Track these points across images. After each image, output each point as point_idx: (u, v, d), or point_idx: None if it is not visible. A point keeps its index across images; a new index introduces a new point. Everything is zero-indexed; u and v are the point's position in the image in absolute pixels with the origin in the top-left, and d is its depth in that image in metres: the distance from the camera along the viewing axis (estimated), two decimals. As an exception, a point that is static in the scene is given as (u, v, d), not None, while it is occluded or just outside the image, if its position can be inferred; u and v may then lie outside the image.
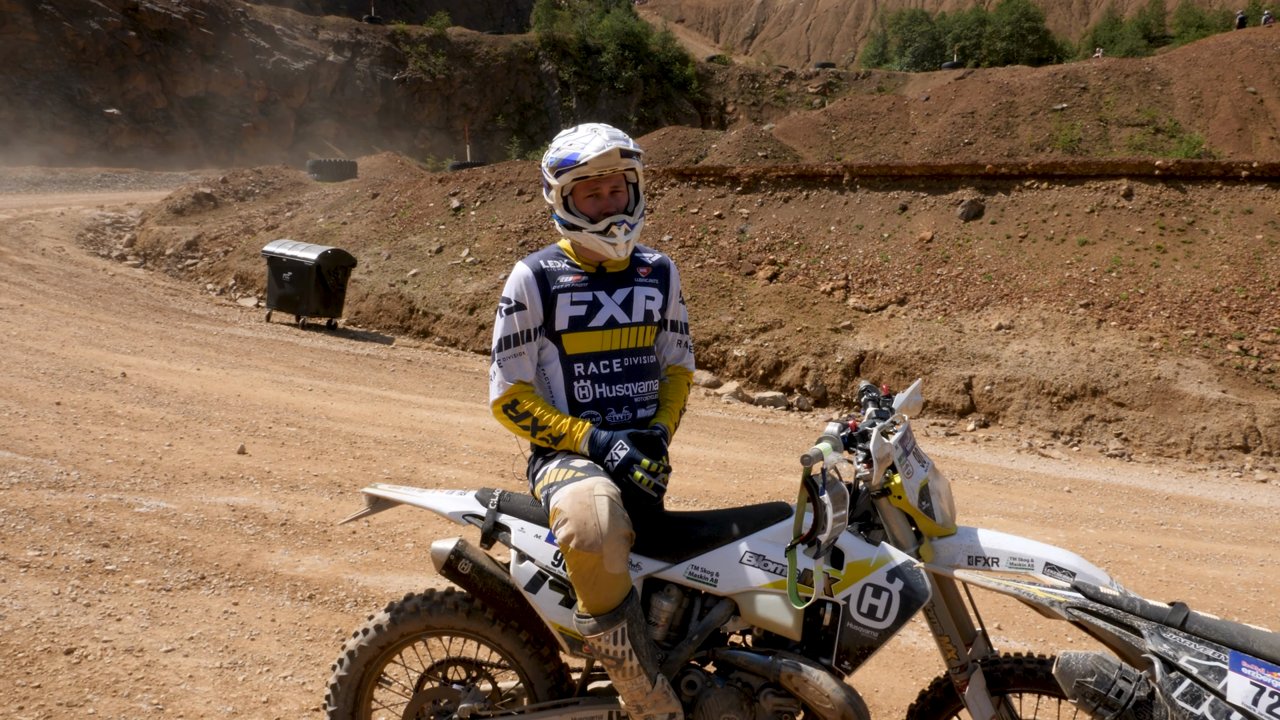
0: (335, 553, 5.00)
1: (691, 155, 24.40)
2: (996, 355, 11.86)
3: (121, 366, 9.00)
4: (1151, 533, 7.22)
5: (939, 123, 27.09)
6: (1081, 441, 10.67)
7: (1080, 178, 14.46)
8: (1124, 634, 2.02)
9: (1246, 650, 1.92)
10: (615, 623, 2.29)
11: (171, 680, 3.44)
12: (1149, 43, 58.39)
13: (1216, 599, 5.68)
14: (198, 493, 5.63)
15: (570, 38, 51.32)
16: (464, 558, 2.56)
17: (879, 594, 2.32)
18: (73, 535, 4.65)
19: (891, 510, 2.38)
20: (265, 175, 24.85)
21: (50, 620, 3.74)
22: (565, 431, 2.49)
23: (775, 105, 50.45)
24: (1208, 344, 11.51)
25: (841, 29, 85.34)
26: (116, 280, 16.00)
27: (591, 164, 2.45)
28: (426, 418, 8.73)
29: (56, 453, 5.96)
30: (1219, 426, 10.37)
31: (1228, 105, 26.50)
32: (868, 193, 15.26)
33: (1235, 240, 12.99)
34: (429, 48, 48.28)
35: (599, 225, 2.51)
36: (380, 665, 2.67)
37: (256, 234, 18.78)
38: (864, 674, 4.09)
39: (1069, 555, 2.26)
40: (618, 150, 2.45)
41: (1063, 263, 13.24)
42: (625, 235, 2.52)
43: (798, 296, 13.59)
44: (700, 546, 2.47)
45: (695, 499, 6.71)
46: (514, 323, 2.54)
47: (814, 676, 2.31)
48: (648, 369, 2.63)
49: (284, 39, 44.80)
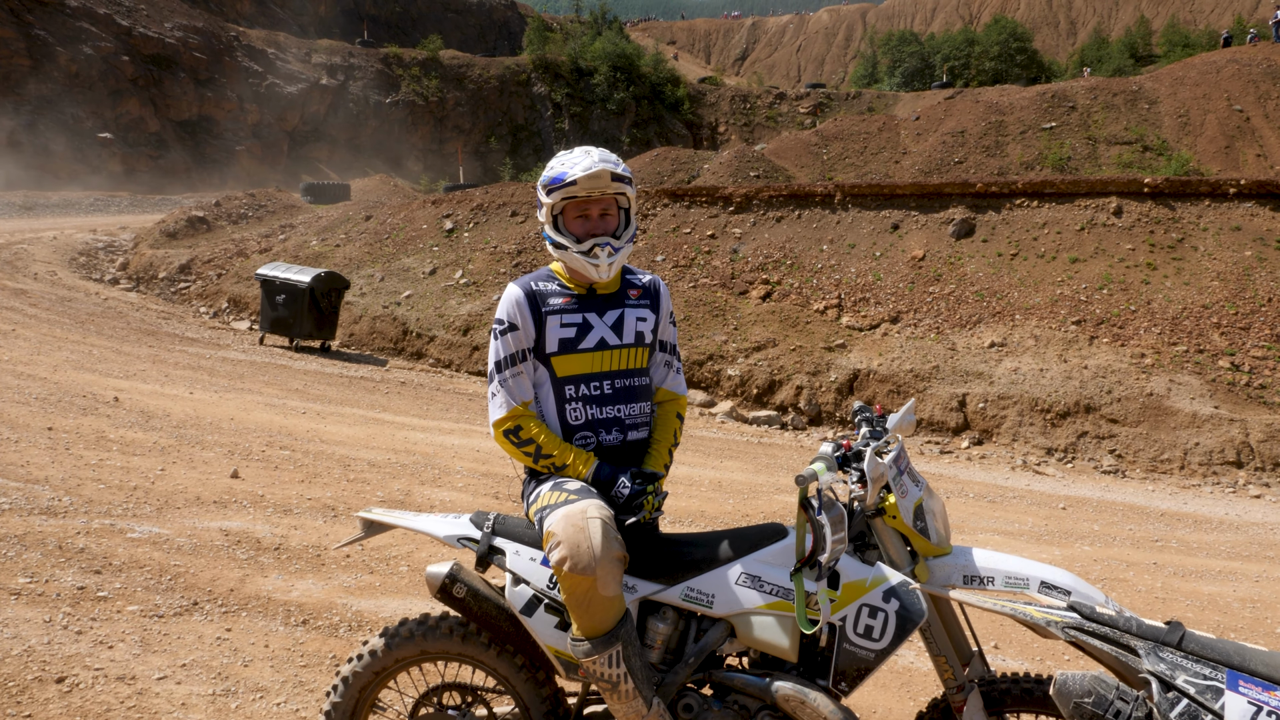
0: (329, 577, 4.97)
1: (684, 176, 24.52)
2: (989, 373, 11.89)
3: (114, 391, 8.96)
4: (1146, 549, 7.23)
5: (929, 142, 27.30)
6: (1075, 458, 10.68)
7: (1070, 196, 14.57)
8: (1121, 654, 2.02)
9: (1243, 669, 1.92)
10: (610, 646, 2.28)
11: (164, 708, 3.41)
12: (1136, 62, 59.04)
13: (1212, 615, 5.68)
14: (190, 517, 5.60)
15: (562, 60, 51.65)
16: (459, 581, 2.55)
17: (875, 614, 2.31)
18: (64, 562, 4.61)
19: (886, 530, 2.38)
20: (258, 198, 24.90)
21: (41, 648, 3.71)
22: (569, 463, 2.49)
23: (767, 125, 50.79)
24: (1199, 360, 11.56)
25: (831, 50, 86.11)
26: (109, 304, 15.96)
27: (580, 184, 2.46)
28: (421, 440, 8.70)
29: (48, 478, 5.92)
30: (1212, 442, 10.40)
31: (1215, 123, 26.76)
32: (859, 212, 15.35)
33: (1224, 257, 13.08)
34: (422, 70, 48.55)
35: (583, 246, 2.53)
36: (375, 691, 2.65)
37: (250, 257, 18.78)
38: (861, 694, 4.07)
39: (1064, 574, 2.26)
40: (607, 173, 2.46)
41: (1054, 280, 13.31)
42: (609, 258, 2.53)
43: (791, 316, 13.63)
44: (695, 568, 2.46)
45: (690, 519, 6.69)
46: (509, 343, 2.54)
47: (811, 698, 2.30)
48: (639, 390, 2.63)
49: (277, 63, 45.01)
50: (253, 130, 42.49)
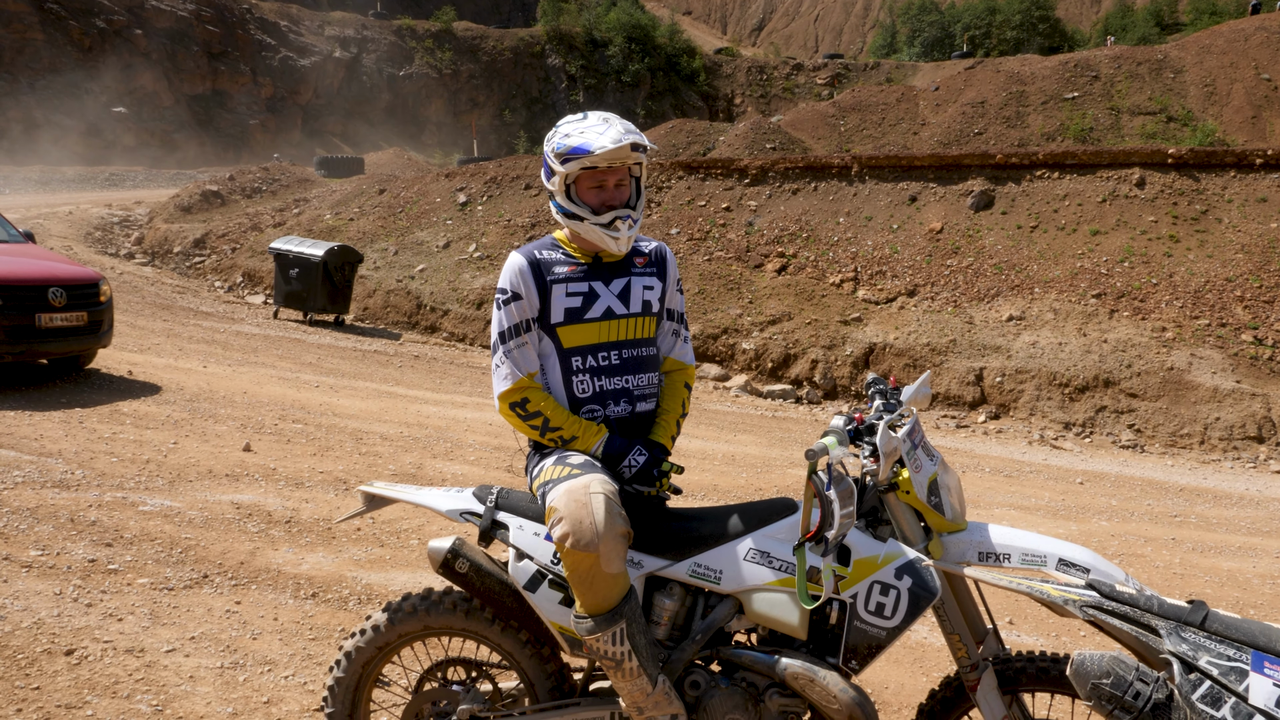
0: (339, 550, 4.96)
1: (699, 148, 24.30)
2: (1007, 346, 11.75)
3: (128, 365, 8.99)
4: (1165, 525, 7.13)
5: (948, 113, 26.91)
6: (1093, 433, 10.56)
7: (1092, 167, 14.31)
8: (1141, 633, 1.95)
9: (1269, 650, 1.84)
10: (613, 623, 2.24)
11: (172, 681, 3.41)
12: (1161, 30, 57.85)
13: (1232, 592, 5.59)
14: (202, 490, 5.61)
15: (577, 31, 51.21)
16: (461, 556, 2.50)
17: (887, 592, 2.25)
18: (76, 535, 4.62)
19: (899, 506, 2.31)
20: (272, 172, 24.88)
21: (51, 621, 3.71)
22: (578, 435, 2.43)
23: (783, 97, 50.26)
24: (1221, 334, 11.38)
25: (850, 20, 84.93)
26: (124, 278, 16.02)
27: (603, 156, 2.38)
28: (433, 413, 8.69)
29: (61, 451, 5.94)
30: (1233, 417, 10.24)
31: (1241, 92, 26.22)
32: (876, 184, 15.15)
33: (1249, 229, 12.83)
34: (435, 43, 48.26)
35: (603, 218, 2.44)
36: (378, 666, 2.62)
37: (264, 231, 18.79)
38: (873, 670, 4.03)
39: (1083, 551, 2.19)
40: (629, 145, 2.38)
41: (1074, 253, 13.11)
42: (629, 230, 2.47)
43: (806, 289, 13.50)
44: (703, 544, 2.41)
45: (703, 493, 6.65)
46: (513, 313, 2.47)
47: (820, 676, 2.25)
48: (647, 361, 2.57)
49: (290, 36, 44.84)
50: (266, 104, 42.44)
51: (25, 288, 7.47)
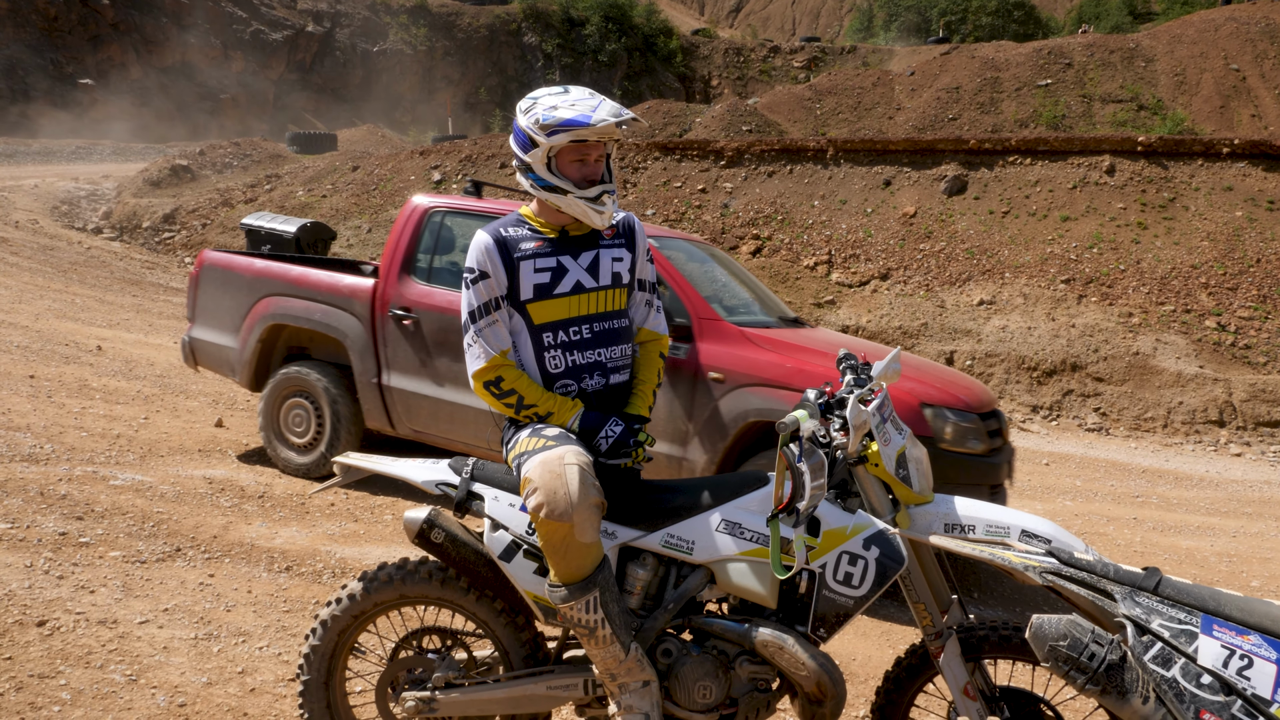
0: (313, 525, 4.96)
1: (675, 129, 24.23)
2: (978, 330, 11.90)
3: (97, 340, 8.88)
4: (1127, 505, 7.30)
5: (923, 98, 27.02)
6: (1060, 416, 10.74)
7: (1063, 154, 14.47)
8: (1097, 598, 2.02)
9: (1218, 614, 1.92)
10: (587, 592, 2.28)
11: (145, 651, 3.41)
12: (1134, 19, 58.27)
13: (1190, 569, 5.75)
14: (174, 465, 5.58)
15: (553, 9, 50.71)
16: (437, 526, 2.53)
17: (855, 561, 2.31)
18: (46, 508, 4.59)
19: (868, 478, 2.37)
20: (243, 147, 24.50)
21: (22, 593, 3.70)
22: (553, 411, 2.46)
23: (760, 79, 50.17)
24: (1186, 320, 11.59)
25: (827, 3, 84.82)
26: (92, 253, 15.77)
27: (598, 130, 2.38)
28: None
29: (30, 426, 5.88)
30: (1195, 401, 10.46)
31: (1211, 82, 26.56)
32: (851, 167, 15.22)
33: (1215, 217, 13.05)
34: (410, 19, 47.61)
35: (590, 192, 2.45)
36: (354, 635, 2.65)
37: (235, 207, 18.54)
38: (841, 642, 4.11)
39: (1045, 523, 2.26)
40: (627, 119, 2.40)
41: (1045, 239, 13.27)
42: (612, 205, 2.49)
43: (781, 271, 13.57)
44: (676, 515, 2.45)
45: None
46: (481, 292, 2.48)
47: (789, 644, 2.31)
48: (620, 333, 2.60)
49: (262, 9, 44.05)
50: (237, 78, 41.71)
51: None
